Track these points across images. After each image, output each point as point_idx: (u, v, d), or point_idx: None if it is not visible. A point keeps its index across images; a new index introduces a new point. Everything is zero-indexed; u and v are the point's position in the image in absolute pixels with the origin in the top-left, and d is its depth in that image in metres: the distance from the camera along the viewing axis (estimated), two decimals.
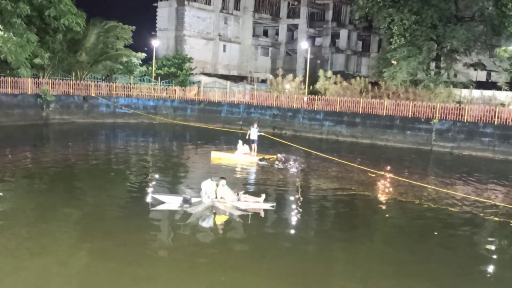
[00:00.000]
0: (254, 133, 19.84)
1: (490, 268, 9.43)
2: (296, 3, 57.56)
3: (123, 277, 7.88)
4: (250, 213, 11.48)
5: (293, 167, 18.61)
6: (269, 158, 19.51)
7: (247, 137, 20.21)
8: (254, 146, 19.76)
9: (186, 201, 11.67)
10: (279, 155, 20.26)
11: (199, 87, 36.20)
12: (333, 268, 8.84)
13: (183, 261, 8.67)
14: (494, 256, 10.09)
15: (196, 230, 10.58)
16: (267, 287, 7.85)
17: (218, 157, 19.67)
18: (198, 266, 8.48)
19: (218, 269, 8.37)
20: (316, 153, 20.96)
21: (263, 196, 12.33)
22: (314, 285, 7.96)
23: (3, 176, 14.47)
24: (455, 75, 32.66)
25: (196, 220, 10.98)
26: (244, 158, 19.16)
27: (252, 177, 17.06)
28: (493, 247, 10.70)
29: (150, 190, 13.75)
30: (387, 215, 13.04)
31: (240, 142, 19.61)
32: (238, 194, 12.18)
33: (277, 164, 18.82)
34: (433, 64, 33.01)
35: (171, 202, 11.88)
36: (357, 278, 8.34)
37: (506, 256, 10.26)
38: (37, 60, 27.62)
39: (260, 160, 19.00)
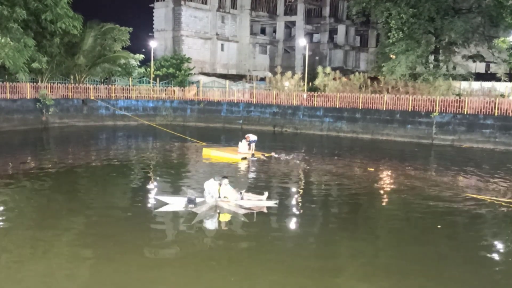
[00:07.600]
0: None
1: (496, 261, 9.39)
2: (292, 0, 57.48)
3: (129, 279, 7.85)
4: (254, 211, 11.46)
5: (289, 162, 18.65)
6: (265, 155, 19.78)
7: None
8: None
9: (191, 201, 11.65)
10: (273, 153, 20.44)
11: (198, 87, 36.16)
12: (339, 265, 8.83)
13: (191, 262, 8.63)
14: (500, 248, 10.06)
15: (201, 230, 10.56)
16: (277, 286, 7.83)
17: (209, 153, 19.94)
18: (206, 266, 8.43)
19: (227, 269, 8.34)
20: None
21: (266, 193, 12.32)
22: (321, 283, 7.95)
23: (5, 181, 14.44)
24: (454, 68, 32.66)
25: (201, 220, 10.97)
26: (233, 155, 19.31)
27: (252, 175, 17.03)
28: (498, 239, 10.67)
29: (152, 191, 13.72)
30: (390, 210, 13.01)
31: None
32: (241, 193, 12.17)
33: (270, 158, 19.21)
34: (431, 57, 33.00)
35: (174, 203, 11.87)
36: (363, 274, 8.32)
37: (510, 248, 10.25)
38: (35, 65, 27.57)
39: (250, 156, 19.19)
